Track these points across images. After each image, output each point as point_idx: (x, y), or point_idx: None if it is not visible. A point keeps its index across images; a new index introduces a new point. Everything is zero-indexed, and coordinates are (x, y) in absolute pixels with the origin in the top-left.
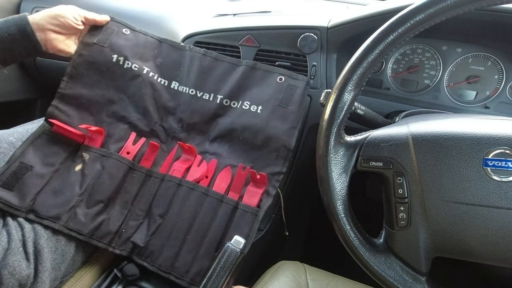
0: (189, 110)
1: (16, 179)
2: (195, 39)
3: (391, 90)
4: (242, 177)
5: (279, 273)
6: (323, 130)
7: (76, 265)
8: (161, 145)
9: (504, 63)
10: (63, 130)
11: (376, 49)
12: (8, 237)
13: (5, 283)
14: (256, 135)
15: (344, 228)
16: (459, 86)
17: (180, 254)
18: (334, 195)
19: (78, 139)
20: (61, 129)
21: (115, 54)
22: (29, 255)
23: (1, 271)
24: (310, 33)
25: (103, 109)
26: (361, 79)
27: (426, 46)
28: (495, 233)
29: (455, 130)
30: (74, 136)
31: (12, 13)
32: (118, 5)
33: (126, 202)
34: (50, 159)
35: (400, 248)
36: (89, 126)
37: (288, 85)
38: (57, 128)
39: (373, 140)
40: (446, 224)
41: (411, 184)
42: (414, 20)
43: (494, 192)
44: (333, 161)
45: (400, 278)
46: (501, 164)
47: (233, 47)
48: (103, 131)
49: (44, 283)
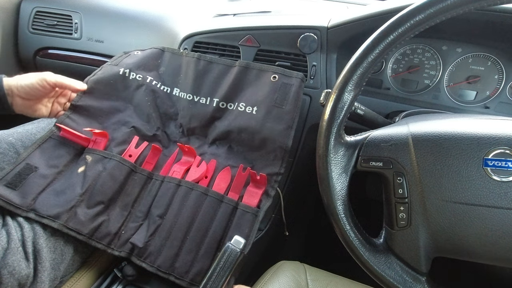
0: (188, 115)
1: (20, 179)
2: (195, 39)
3: (391, 90)
4: (242, 178)
5: (279, 273)
6: (323, 130)
7: (76, 265)
8: (163, 150)
9: (504, 63)
10: (70, 134)
11: (376, 49)
12: (7, 237)
13: (5, 282)
14: (253, 137)
15: (344, 228)
16: (459, 86)
17: (180, 254)
18: (334, 195)
19: (83, 143)
20: (67, 133)
21: (122, 68)
22: (29, 255)
23: (1, 270)
24: (310, 33)
25: (110, 117)
26: (361, 79)
27: (426, 46)
28: (495, 233)
29: (455, 130)
30: (80, 140)
31: (12, 13)
32: (118, 5)
33: (127, 204)
34: (55, 161)
35: (400, 248)
36: (93, 129)
37: (282, 83)
38: (64, 133)
39: (373, 140)
40: (446, 224)
41: (411, 184)
42: (414, 20)
43: (494, 192)
44: (333, 161)
45: (400, 278)
46: (501, 164)
47: (233, 47)
48: (107, 134)
49: (44, 283)
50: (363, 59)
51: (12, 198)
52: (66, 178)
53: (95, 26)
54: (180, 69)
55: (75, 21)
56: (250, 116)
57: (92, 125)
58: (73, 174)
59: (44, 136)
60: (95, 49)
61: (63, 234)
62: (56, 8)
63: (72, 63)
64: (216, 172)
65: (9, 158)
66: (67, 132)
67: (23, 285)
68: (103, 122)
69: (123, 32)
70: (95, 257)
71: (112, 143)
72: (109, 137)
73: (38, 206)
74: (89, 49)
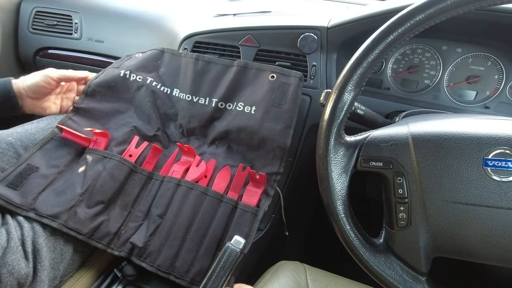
0: (187, 115)
1: (21, 180)
2: (195, 39)
3: (391, 90)
4: (242, 177)
5: (279, 273)
6: (323, 130)
7: (75, 265)
8: (163, 150)
9: (504, 63)
10: (71, 135)
11: (376, 49)
12: (7, 236)
13: (4, 281)
14: (252, 136)
15: (344, 228)
16: (459, 86)
17: (180, 254)
18: (334, 195)
19: (84, 143)
20: (69, 134)
21: (122, 70)
22: (28, 254)
23: (0, 269)
24: (310, 33)
25: (111, 119)
26: (361, 79)
27: (426, 46)
28: (495, 233)
29: (455, 130)
30: (81, 140)
31: (12, 13)
32: (118, 5)
33: (127, 204)
34: (56, 162)
35: (400, 248)
36: (94, 129)
37: (281, 82)
38: (66, 134)
39: (373, 140)
40: (446, 224)
41: (411, 184)
42: (414, 20)
43: (494, 192)
44: (333, 161)
45: (400, 278)
46: (501, 164)
47: (233, 47)
48: (108, 134)
49: (43, 282)
50: (363, 59)
51: (13, 198)
52: (67, 178)
53: (95, 26)
54: (179, 70)
55: (75, 21)
56: (249, 116)
57: (94, 127)
58: (73, 174)
59: (46, 137)
60: (95, 49)
61: (63, 234)
62: (56, 8)
63: (72, 63)
64: (216, 171)
65: (8, 158)
66: (69, 133)
67: (23, 284)
68: (105, 124)
69: (123, 32)
70: (94, 257)
71: (112, 143)
72: (109, 137)
73: (38, 205)
74: (89, 49)
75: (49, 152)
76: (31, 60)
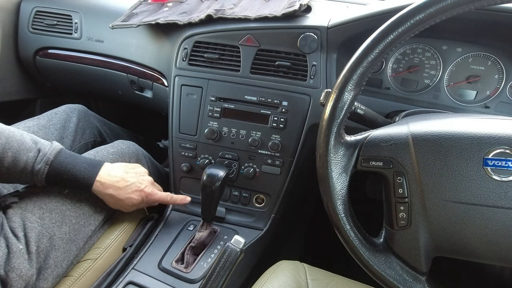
0: None
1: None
2: (195, 39)
3: (391, 89)
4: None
5: (279, 272)
6: (323, 130)
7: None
8: None
9: (504, 63)
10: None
11: (376, 48)
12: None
13: (15, 285)
14: None
15: (344, 228)
16: (459, 85)
17: None
18: (334, 195)
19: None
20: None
21: None
22: (32, 255)
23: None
24: (310, 33)
25: None
26: (361, 79)
27: (426, 45)
28: (495, 232)
29: (455, 129)
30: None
31: (12, 13)
32: (118, 5)
33: None
34: None
35: (400, 247)
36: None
37: None
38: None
39: (373, 140)
40: (446, 224)
41: (411, 183)
42: (414, 20)
43: (494, 192)
44: (333, 161)
45: (400, 278)
46: (501, 164)
47: (233, 47)
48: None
49: (47, 280)
50: (363, 59)
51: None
52: None
53: (95, 26)
54: None
55: (75, 21)
56: None
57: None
58: None
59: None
60: (95, 49)
61: (66, 232)
62: (56, 8)
63: (72, 63)
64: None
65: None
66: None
67: (27, 283)
68: None
69: (123, 32)
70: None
71: None
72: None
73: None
74: (89, 49)
75: None
76: (31, 60)
